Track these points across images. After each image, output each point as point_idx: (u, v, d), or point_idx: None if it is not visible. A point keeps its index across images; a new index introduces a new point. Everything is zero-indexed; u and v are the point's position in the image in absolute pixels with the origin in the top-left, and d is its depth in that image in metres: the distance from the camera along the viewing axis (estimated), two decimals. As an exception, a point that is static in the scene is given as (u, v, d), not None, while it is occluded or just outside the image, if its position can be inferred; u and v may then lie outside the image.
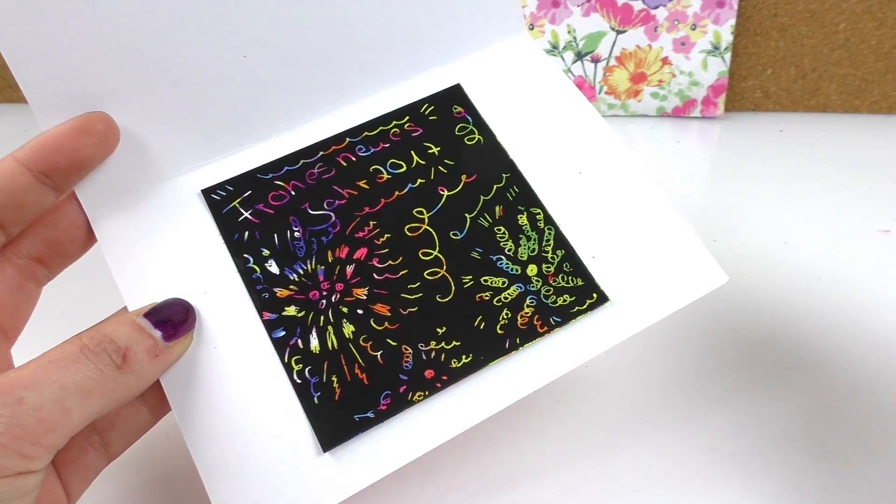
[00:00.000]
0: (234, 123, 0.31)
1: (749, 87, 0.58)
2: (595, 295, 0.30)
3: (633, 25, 0.55)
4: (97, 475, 0.29)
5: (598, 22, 0.55)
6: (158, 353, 0.26)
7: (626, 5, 0.54)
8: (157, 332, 0.26)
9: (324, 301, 0.29)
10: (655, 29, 0.55)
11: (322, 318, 0.29)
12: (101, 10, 0.28)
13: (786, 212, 0.49)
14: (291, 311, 0.29)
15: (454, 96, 0.33)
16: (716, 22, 0.54)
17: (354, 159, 0.32)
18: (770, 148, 0.55)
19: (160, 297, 0.28)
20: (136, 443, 0.30)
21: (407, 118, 0.33)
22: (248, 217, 0.30)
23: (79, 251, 0.30)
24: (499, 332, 0.29)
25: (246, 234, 0.30)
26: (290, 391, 0.28)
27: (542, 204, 0.31)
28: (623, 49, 0.56)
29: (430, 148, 0.32)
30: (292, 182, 0.31)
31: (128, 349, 0.25)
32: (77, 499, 0.28)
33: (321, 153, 0.32)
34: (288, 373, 0.28)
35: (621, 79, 0.57)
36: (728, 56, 0.55)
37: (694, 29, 0.55)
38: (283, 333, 0.29)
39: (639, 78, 0.57)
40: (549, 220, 0.31)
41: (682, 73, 0.56)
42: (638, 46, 0.56)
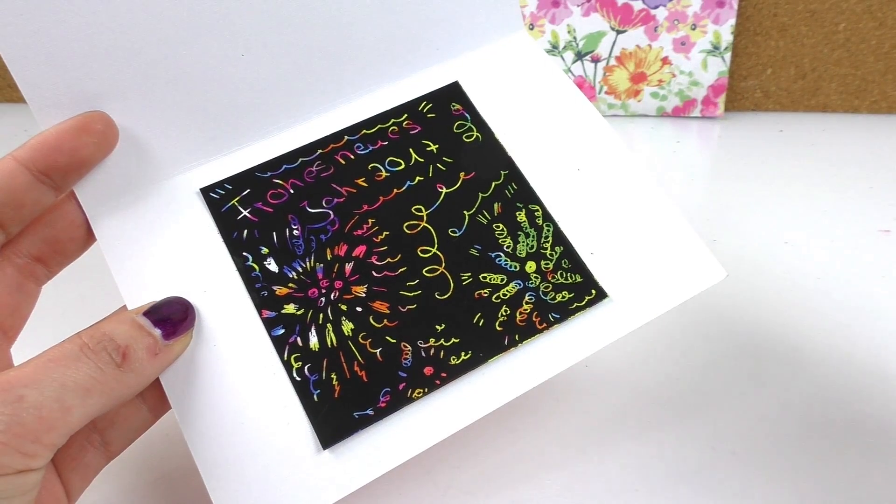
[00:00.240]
0: (232, 122, 0.31)
1: (749, 87, 0.58)
2: (594, 291, 0.30)
3: (633, 25, 0.55)
4: (97, 474, 0.29)
5: (598, 22, 0.55)
6: (158, 352, 0.26)
7: (626, 5, 0.55)
8: (157, 331, 0.26)
9: (323, 299, 0.29)
10: (655, 29, 0.55)
11: (321, 315, 0.29)
12: (99, 9, 0.28)
13: (786, 212, 0.49)
14: (290, 308, 0.29)
15: (452, 94, 0.33)
16: (716, 22, 0.54)
17: (353, 157, 0.32)
18: (770, 148, 0.55)
19: (159, 296, 0.28)
20: (135, 442, 0.30)
21: (405, 116, 0.33)
22: (247, 215, 0.30)
23: (78, 250, 0.30)
24: (498, 328, 0.29)
25: (245, 232, 0.30)
26: (289, 389, 0.28)
27: (541, 201, 0.31)
28: (623, 49, 0.56)
29: (429, 145, 0.32)
30: (291, 180, 0.31)
31: (127, 347, 0.25)
32: (77, 497, 0.28)
33: (320, 151, 0.32)
34: (287, 370, 0.28)
35: (621, 79, 0.57)
36: (728, 56, 0.55)
37: (694, 29, 0.55)
38: (283, 331, 0.29)
39: (639, 78, 0.57)
40: (548, 216, 0.31)
41: (682, 72, 0.56)
42: (638, 46, 0.56)
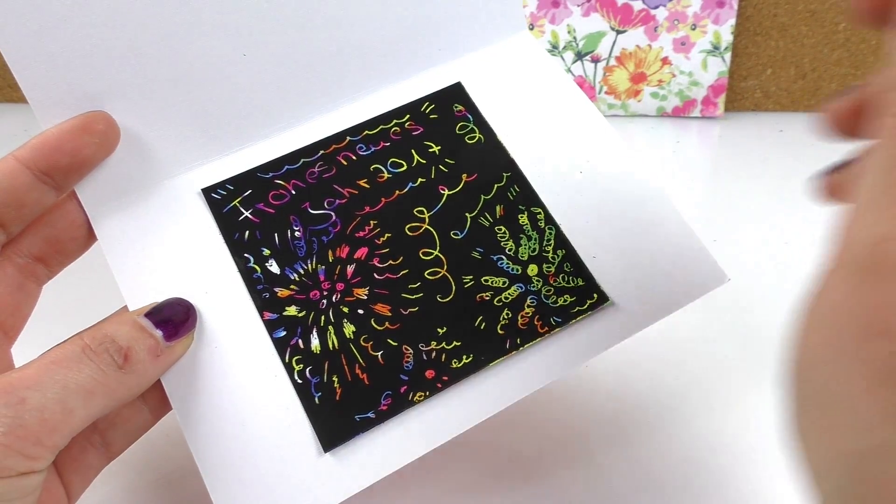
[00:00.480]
0: (234, 122, 0.31)
1: (749, 87, 0.58)
2: (596, 295, 0.30)
3: (633, 25, 0.55)
4: (98, 474, 0.29)
5: (598, 22, 0.55)
6: (160, 353, 0.26)
7: (626, 5, 0.54)
8: (158, 332, 0.26)
9: (324, 301, 0.29)
10: (655, 29, 0.55)
11: (323, 317, 0.29)
12: (100, 9, 0.28)
13: (786, 212, 0.49)
14: (292, 310, 0.29)
15: (455, 95, 0.33)
16: (716, 22, 0.54)
17: (355, 158, 0.32)
18: (770, 148, 0.55)
19: (161, 297, 0.28)
20: (136, 443, 0.30)
21: (407, 117, 0.33)
22: (249, 216, 0.30)
23: (79, 250, 0.30)
24: (499, 332, 0.29)
25: (246, 233, 0.30)
26: (290, 391, 0.28)
27: (543, 203, 0.31)
28: (623, 49, 0.56)
29: (431, 147, 0.32)
30: (293, 181, 0.31)
31: (129, 349, 0.25)
32: (77, 498, 0.28)
33: (322, 152, 0.32)
34: (289, 373, 0.28)
35: (621, 79, 0.57)
36: (728, 56, 0.55)
37: (694, 29, 0.55)
38: (284, 333, 0.28)
39: (639, 78, 0.57)
40: (550, 219, 0.31)
41: (682, 73, 0.56)
42: (638, 46, 0.56)
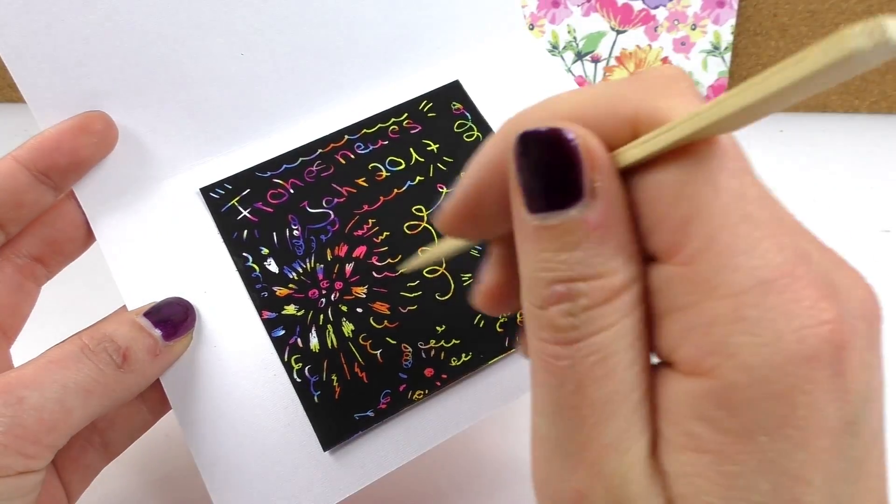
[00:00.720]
0: (232, 121, 0.31)
1: (749, 87, 0.58)
2: (595, 293, 0.30)
3: (633, 25, 0.55)
4: (97, 474, 0.29)
5: (598, 22, 0.55)
6: (158, 353, 0.26)
7: (626, 5, 0.54)
8: (157, 332, 0.26)
9: (323, 300, 0.29)
10: (655, 29, 0.55)
11: (321, 316, 0.29)
12: (98, 9, 0.28)
13: (786, 211, 0.49)
14: (291, 309, 0.29)
15: (453, 93, 0.33)
16: (716, 22, 0.54)
17: (353, 157, 0.32)
18: (770, 148, 0.55)
19: (159, 297, 0.28)
20: (136, 443, 0.30)
21: (406, 115, 0.33)
22: (247, 215, 0.30)
23: (78, 250, 0.30)
24: (498, 330, 0.29)
25: (245, 232, 0.30)
26: (290, 390, 0.28)
27: (542, 202, 0.31)
28: (623, 49, 0.56)
29: (429, 145, 0.32)
30: (291, 180, 0.31)
31: (128, 348, 0.25)
32: (77, 498, 0.28)
33: (320, 151, 0.32)
34: (288, 372, 0.28)
35: (621, 79, 0.57)
36: (728, 56, 0.55)
37: (694, 29, 0.55)
38: (283, 332, 0.28)
39: (638, 78, 0.57)
40: (549, 218, 0.31)
41: (681, 72, 0.56)
42: (638, 46, 0.56)
